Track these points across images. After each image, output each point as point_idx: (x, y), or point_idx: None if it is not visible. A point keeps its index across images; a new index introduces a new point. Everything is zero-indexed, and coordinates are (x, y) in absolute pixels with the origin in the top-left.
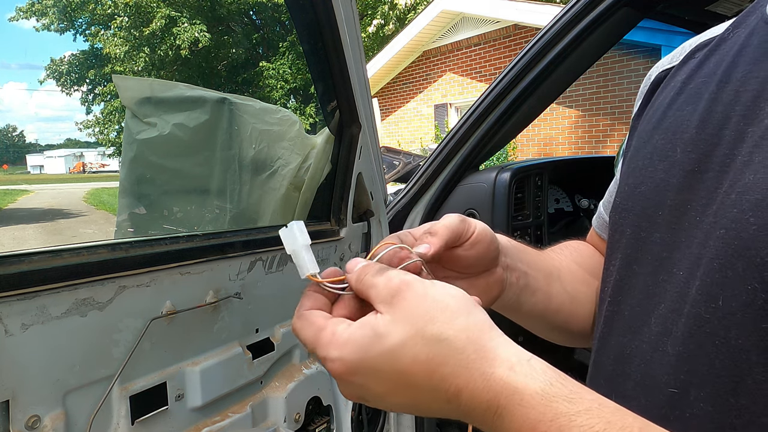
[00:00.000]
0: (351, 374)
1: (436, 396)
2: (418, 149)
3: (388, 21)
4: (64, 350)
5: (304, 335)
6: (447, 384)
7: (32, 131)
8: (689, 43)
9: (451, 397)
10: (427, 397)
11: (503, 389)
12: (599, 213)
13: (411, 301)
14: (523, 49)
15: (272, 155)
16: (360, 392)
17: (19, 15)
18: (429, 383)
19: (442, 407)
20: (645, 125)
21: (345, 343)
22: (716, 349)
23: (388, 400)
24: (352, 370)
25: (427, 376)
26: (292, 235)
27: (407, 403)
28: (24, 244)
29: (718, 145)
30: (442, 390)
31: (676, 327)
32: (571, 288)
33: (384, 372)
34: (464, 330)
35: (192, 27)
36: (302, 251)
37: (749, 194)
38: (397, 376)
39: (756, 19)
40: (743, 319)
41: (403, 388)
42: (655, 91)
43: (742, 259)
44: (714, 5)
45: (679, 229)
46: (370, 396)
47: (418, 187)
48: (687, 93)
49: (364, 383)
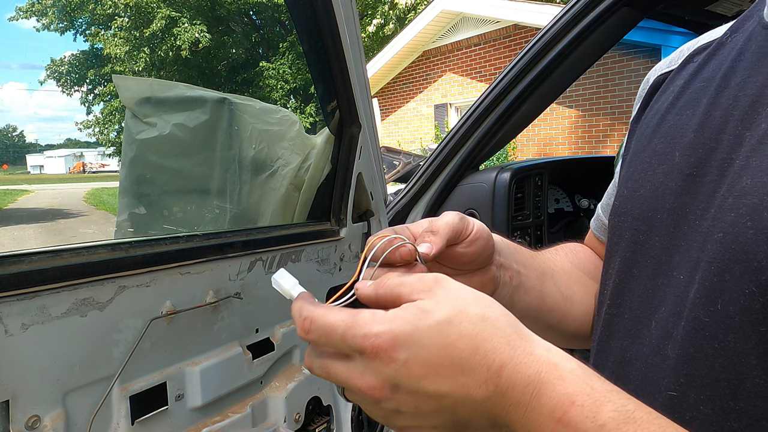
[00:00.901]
0: (396, 348)
1: (475, 376)
2: (418, 149)
3: (388, 21)
4: (64, 350)
5: (331, 318)
6: (490, 360)
7: (32, 131)
8: (687, 47)
9: (493, 374)
10: (465, 379)
11: (545, 364)
12: (597, 216)
13: (451, 288)
14: (523, 49)
15: (272, 155)
16: (395, 375)
17: (19, 15)
18: (473, 359)
19: (478, 392)
20: (644, 129)
21: (392, 318)
22: (715, 352)
23: (424, 385)
24: (399, 342)
25: (471, 352)
26: (280, 285)
27: (443, 389)
28: (24, 244)
29: (717, 150)
30: (484, 367)
31: (676, 330)
32: (566, 288)
33: (430, 347)
34: (504, 315)
35: (192, 27)
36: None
37: (746, 198)
38: (443, 352)
39: (753, 24)
40: (741, 322)
41: (445, 366)
42: (653, 94)
43: (739, 263)
44: (714, 5)
45: (678, 233)
46: (405, 378)
47: (418, 187)
48: (686, 97)
49: (407, 359)
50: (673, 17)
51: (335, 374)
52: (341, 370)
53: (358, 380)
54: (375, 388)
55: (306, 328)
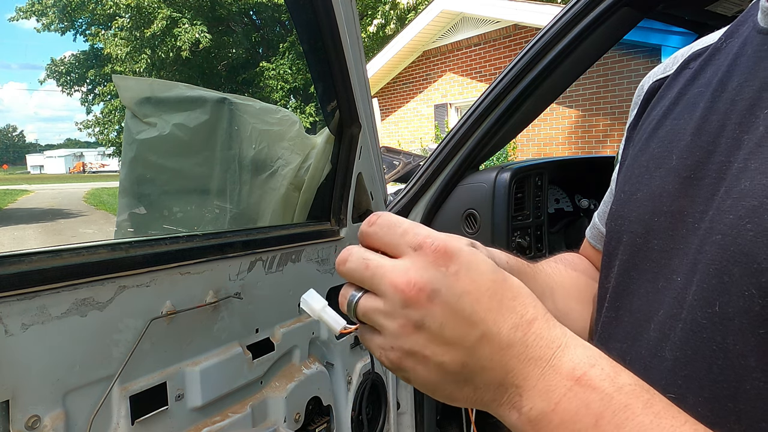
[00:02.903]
0: (453, 258)
1: (509, 317)
2: (418, 149)
3: (388, 21)
4: (64, 350)
5: (399, 217)
6: (525, 310)
7: (32, 131)
8: (681, 53)
9: (524, 323)
10: (499, 317)
11: (571, 333)
12: (594, 224)
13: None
14: (523, 49)
15: (272, 155)
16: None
17: (19, 15)
18: (512, 302)
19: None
20: (641, 134)
21: (451, 237)
22: (713, 354)
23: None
24: (456, 255)
25: (513, 295)
26: (309, 306)
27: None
28: (24, 244)
29: (714, 153)
30: (518, 313)
31: (674, 332)
32: (563, 305)
33: (482, 274)
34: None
35: (193, 28)
36: (323, 315)
37: (746, 200)
38: (490, 284)
39: (748, 29)
40: (740, 324)
41: (487, 296)
42: (650, 101)
43: (738, 264)
44: (714, 5)
45: (677, 236)
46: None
47: (418, 187)
48: (683, 103)
49: (458, 271)
50: (673, 17)
51: (375, 266)
52: (385, 263)
53: (400, 275)
54: (415, 285)
55: (372, 221)
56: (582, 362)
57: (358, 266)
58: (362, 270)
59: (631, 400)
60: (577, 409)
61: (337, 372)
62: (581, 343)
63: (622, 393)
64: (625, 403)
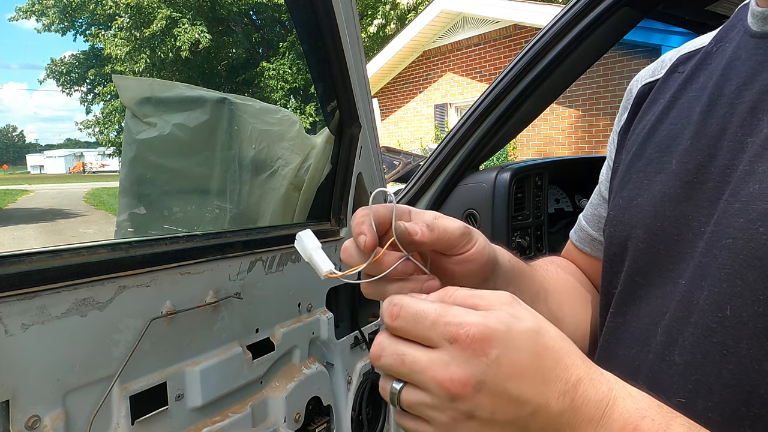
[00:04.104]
0: (490, 342)
1: (555, 387)
2: (418, 149)
3: (389, 21)
4: (64, 350)
5: (424, 306)
6: (569, 374)
7: (32, 131)
8: (669, 56)
9: (570, 388)
10: (546, 389)
11: (615, 383)
12: (580, 227)
13: (527, 306)
14: (523, 49)
15: (272, 155)
16: (484, 370)
17: (19, 15)
18: (554, 371)
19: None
20: (635, 139)
21: (487, 314)
22: (724, 358)
23: (509, 386)
24: (494, 337)
25: (555, 363)
26: (302, 244)
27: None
28: (24, 244)
29: (716, 156)
30: (563, 379)
31: (682, 336)
32: (557, 309)
33: (522, 350)
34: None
35: (193, 28)
36: (314, 255)
37: (756, 204)
38: (532, 358)
39: (739, 33)
40: (755, 328)
41: (532, 372)
42: (640, 104)
43: (752, 269)
44: (714, 5)
45: (682, 240)
46: (493, 376)
47: (418, 187)
48: (678, 107)
49: (499, 357)
50: (673, 17)
51: (412, 362)
52: (422, 359)
53: (441, 371)
54: (459, 381)
55: (395, 314)
56: (632, 416)
57: (394, 362)
58: (398, 366)
59: None
60: None
61: (337, 372)
62: (629, 394)
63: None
64: None
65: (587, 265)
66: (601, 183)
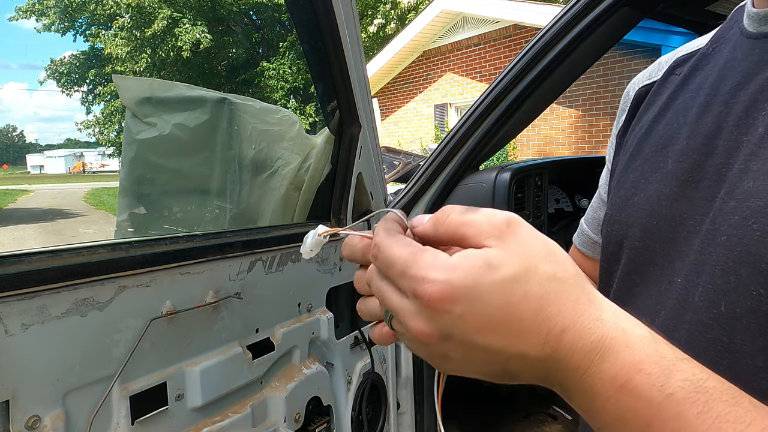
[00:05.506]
0: (452, 301)
1: (533, 338)
2: (418, 149)
3: (389, 21)
4: (64, 350)
5: (396, 252)
6: (552, 323)
7: (32, 131)
8: (665, 59)
9: (552, 338)
10: (522, 340)
11: (611, 330)
12: (582, 230)
13: (524, 236)
14: (523, 49)
15: (272, 155)
16: (448, 326)
17: (19, 15)
18: (533, 321)
19: (533, 352)
20: (632, 140)
21: (454, 267)
22: (719, 354)
23: (476, 339)
24: (456, 296)
25: (534, 313)
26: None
27: (496, 345)
28: (24, 244)
29: (712, 155)
30: (544, 330)
31: (677, 333)
32: None
33: (490, 304)
34: (575, 276)
35: (193, 28)
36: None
37: (750, 201)
38: (503, 311)
39: (735, 34)
40: (748, 324)
41: (503, 325)
42: (638, 106)
43: (745, 265)
44: (714, 5)
45: (677, 239)
46: (456, 330)
47: (418, 187)
48: (674, 108)
49: (463, 314)
50: (673, 17)
51: (389, 301)
52: (396, 302)
53: (409, 320)
54: (424, 333)
55: (374, 255)
56: (626, 368)
57: (377, 295)
58: (380, 300)
59: (683, 407)
60: (623, 415)
61: (337, 372)
62: (626, 342)
63: (673, 400)
64: (676, 411)
65: (591, 268)
66: (601, 186)
